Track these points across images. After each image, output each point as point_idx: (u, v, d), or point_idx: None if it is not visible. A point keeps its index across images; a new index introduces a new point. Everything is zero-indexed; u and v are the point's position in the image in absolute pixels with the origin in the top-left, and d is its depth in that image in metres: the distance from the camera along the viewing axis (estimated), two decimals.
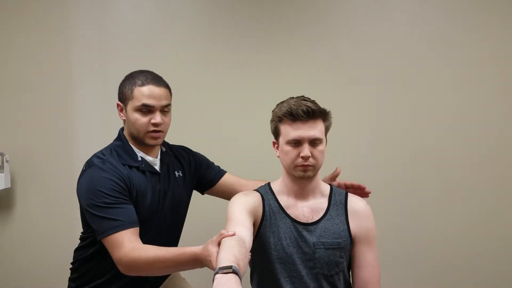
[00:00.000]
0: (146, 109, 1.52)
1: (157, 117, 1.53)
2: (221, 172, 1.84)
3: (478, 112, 2.31)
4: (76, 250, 1.66)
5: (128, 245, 1.40)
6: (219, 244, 1.24)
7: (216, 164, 1.86)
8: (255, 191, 1.57)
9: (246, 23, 2.36)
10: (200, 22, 2.40)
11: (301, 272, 1.46)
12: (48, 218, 2.40)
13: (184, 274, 1.85)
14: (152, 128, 1.53)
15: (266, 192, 1.56)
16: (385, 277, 1.59)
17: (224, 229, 1.30)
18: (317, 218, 1.51)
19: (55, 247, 2.38)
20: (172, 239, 1.69)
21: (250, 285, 1.58)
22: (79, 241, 1.66)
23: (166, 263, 1.36)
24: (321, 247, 1.48)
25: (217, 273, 1.05)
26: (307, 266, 1.47)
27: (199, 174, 1.79)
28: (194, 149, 1.84)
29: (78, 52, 2.39)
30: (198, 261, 1.30)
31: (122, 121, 1.66)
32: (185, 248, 1.35)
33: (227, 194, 1.78)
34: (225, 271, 1.05)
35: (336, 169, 1.72)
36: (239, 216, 1.39)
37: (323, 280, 1.48)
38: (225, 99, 2.37)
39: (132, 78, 1.55)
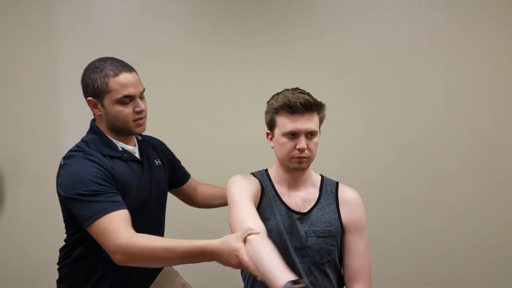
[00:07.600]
0: (128, 99, 1.48)
1: (141, 104, 1.50)
2: (188, 175, 1.86)
3: (468, 106, 2.33)
4: (60, 250, 1.61)
5: (125, 230, 1.30)
6: (244, 240, 1.23)
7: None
8: (253, 177, 1.59)
9: (237, 19, 2.38)
10: (186, 18, 2.42)
11: (294, 260, 1.48)
12: (37, 214, 2.38)
13: (178, 267, 1.84)
14: (137, 116, 1.51)
15: (264, 178, 1.59)
16: (375, 268, 1.62)
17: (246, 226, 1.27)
18: (308, 208, 1.54)
19: (44, 244, 2.34)
20: (158, 233, 1.64)
21: (239, 273, 1.59)
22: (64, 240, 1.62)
23: (174, 254, 1.29)
24: (313, 235, 1.50)
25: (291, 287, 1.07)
26: (300, 254, 1.49)
27: (171, 170, 1.78)
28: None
29: (64, 48, 2.39)
30: (211, 255, 1.25)
31: None
32: (195, 240, 1.29)
33: (187, 198, 1.85)
34: (300, 286, 1.07)
35: None
36: (246, 204, 1.40)
37: (315, 268, 1.50)
38: (215, 96, 2.39)
39: (100, 70, 1.47)
